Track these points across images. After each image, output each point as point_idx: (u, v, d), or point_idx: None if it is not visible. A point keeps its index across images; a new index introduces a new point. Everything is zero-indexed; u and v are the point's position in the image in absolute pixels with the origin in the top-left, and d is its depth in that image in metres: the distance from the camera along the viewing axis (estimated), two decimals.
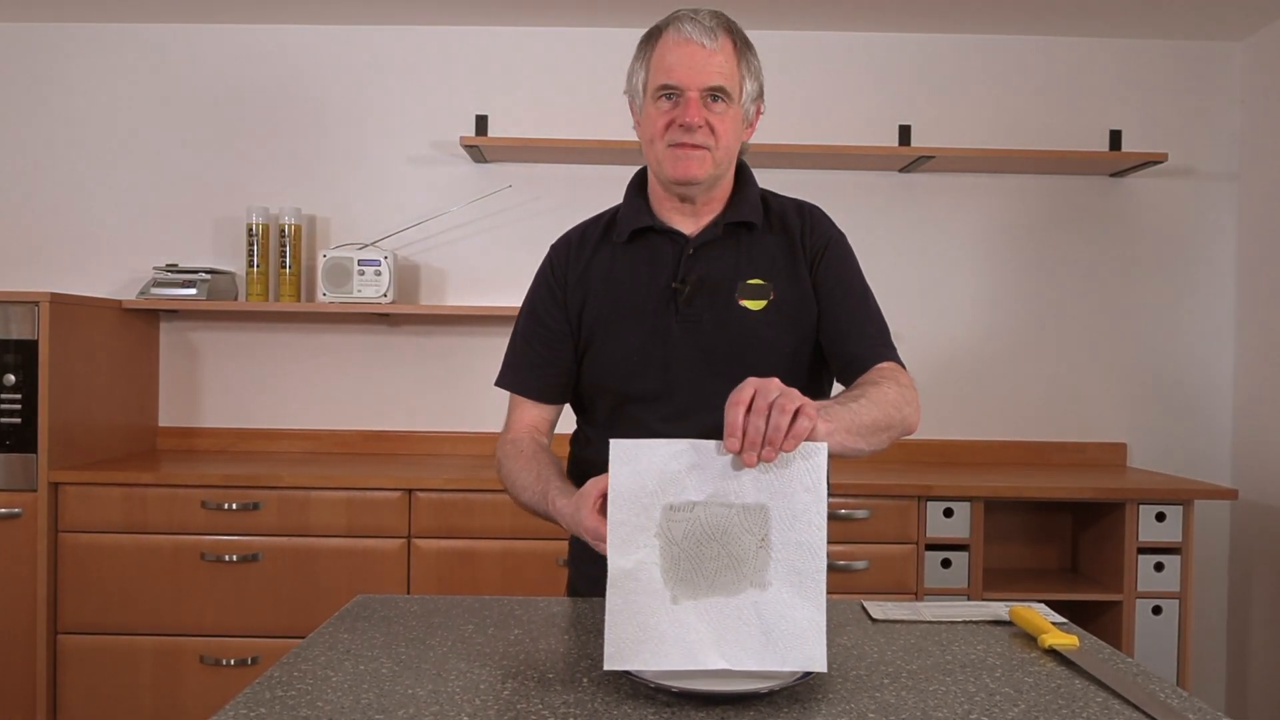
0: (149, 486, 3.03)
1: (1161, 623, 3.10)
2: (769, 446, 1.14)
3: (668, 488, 1.17)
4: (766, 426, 1.14)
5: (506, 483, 1.65)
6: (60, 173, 3.67)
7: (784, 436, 1.14)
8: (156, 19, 3.63)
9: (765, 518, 1.16)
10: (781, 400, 1.15)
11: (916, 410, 1.52)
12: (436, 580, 3.04)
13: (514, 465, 1.63)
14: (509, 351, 1.75)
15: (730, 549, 1.16)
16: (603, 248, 1.70)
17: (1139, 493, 3.10)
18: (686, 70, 1.53)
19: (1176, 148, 3.67)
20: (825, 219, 1.70)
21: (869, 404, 1.41)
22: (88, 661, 3.02)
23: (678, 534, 1.16)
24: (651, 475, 1.17)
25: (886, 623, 1.46)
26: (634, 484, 1.17)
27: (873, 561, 3.01)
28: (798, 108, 3.63)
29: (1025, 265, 3.71)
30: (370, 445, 3.68)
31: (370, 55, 3.68)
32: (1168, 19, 3.51)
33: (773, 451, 1.14)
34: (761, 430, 1.14)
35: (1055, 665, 1.27)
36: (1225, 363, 3.73)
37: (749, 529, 1.17)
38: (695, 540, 1.16)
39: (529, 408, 1.72)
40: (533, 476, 1.57)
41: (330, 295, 3.39)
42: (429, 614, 1.47)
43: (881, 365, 1.57)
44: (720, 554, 1.16)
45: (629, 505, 1.17)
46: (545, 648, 1.31)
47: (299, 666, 1.22)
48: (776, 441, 1.14)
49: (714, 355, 1.60)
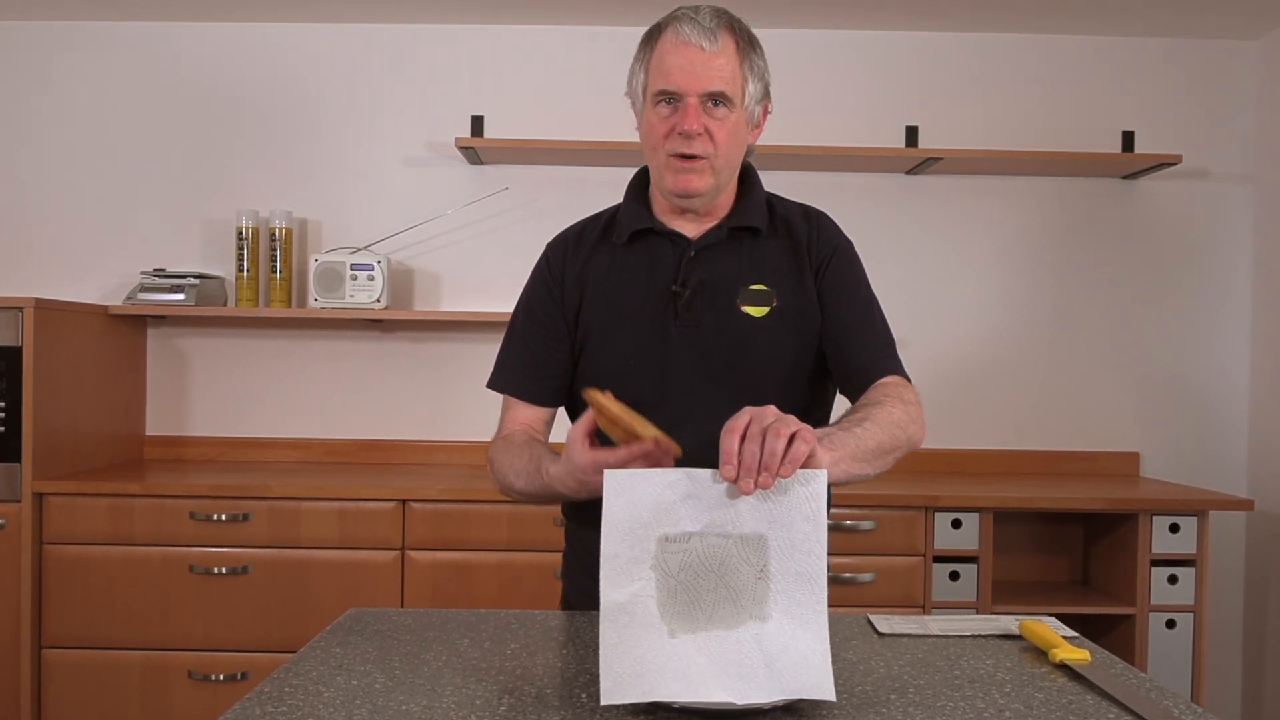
0: (136, 497, 3.03)
1: (1175, 637, 3.10)
2: (765, 472, 1.13)
3: (663, 518, 1.16)
4: (762, 452, 1.14)
5: (499, 476, 1.63)
6: (44, 175, 3.68)
7: (780, 461, 1.13)
8: (143, 17, 3.64)
9: (764, 548, 1.16)
10: (777, 425, 1.15)
11: (921, 426, 1.53)
12: (431, 593, 3.04)
13: (506, 456, 1.62)
14: (502, 352, 1.75)
15: (728, 581, 1.16)
16: (601, 247, 1.69)
17: (1152, 503, 3.10)
18: (685, 74, 1.53)
19: (1191, 149, 3.68)
20: (832, 225, 1.70)
21: (873, 427, 1.41)
22: (73, 676, 3.02)
23: (674, 566, 1.16)
24: (646, 506, 1.16)
25: (893, 637, 1.46)
26: (628, 515, 1.16)
27: (879, 574, 3.01)
28: (801, 108, 3.64)
29: (1035, 270, 3.72)
30: (363, 454, 3.68)
31: (363, 54, 3.69)
32: (1182, 17, 3.52)
33: (769, 478, 1.13)
34: (757, 456, 1.13)
35: (1066, 681, 1.27)
36: (1241, 369, 3.73)
37: (747, 560, 1.16)
38: (692, 572, 1.16)
39: (522, 409, 1.71)
40: (525, 459, 1.57)
41: (322, 301, 3.40)
42: (423, 628, 1.47)
43: (885, 380, 1.57)
44: (718, 586, 1.16)
45: (623, 537, 1.16)
46: (543, 663, 1.31)
47: (290, 682, 1.22)
48: (773, 467, 1.13)
49: (712, 361, 1.60)
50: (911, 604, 3.05)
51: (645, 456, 1.27)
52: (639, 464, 1.26)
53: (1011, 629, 1.49)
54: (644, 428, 1.29)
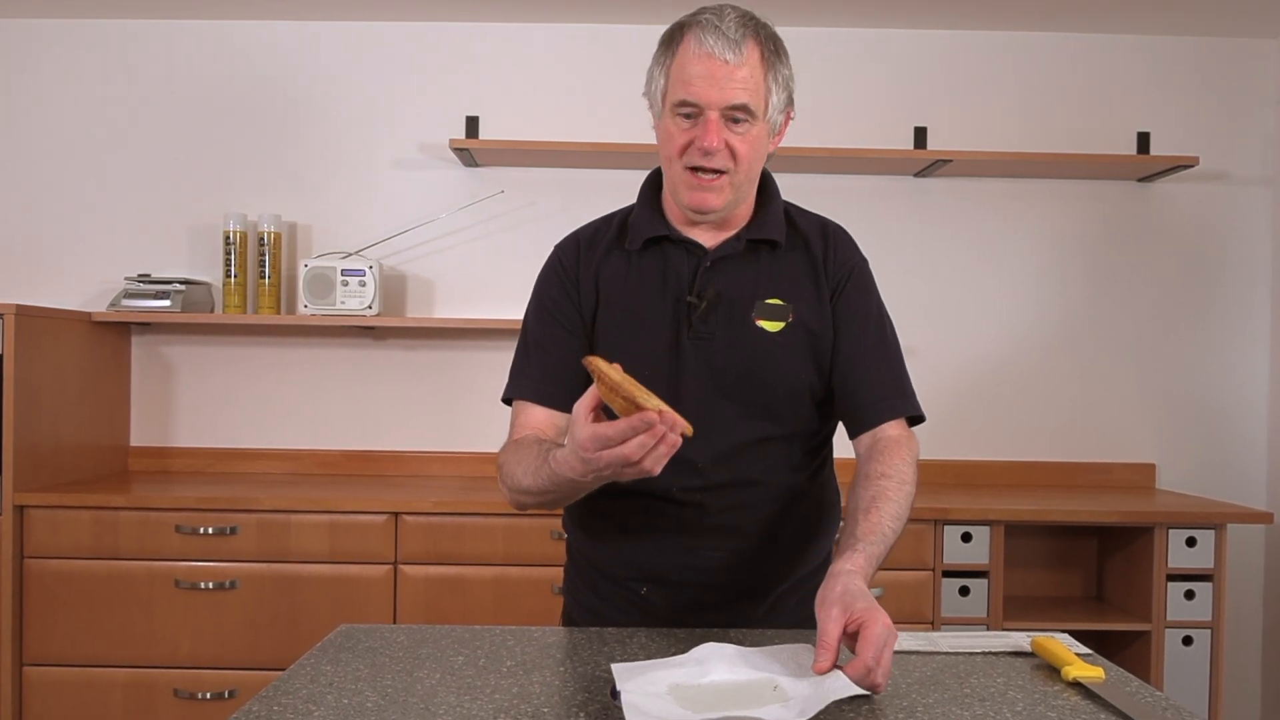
0: (120, 509, 3.03)
1: (1192, 654, 3.10)
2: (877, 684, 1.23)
3: (676, 683, 1.25)
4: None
5: (508, 480, 1.56)
6: (26, 177, 3.68)
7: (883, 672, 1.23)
8: (127, 14, 3.65)
9: (774, 683, 1.24)
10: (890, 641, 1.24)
11: (916, 483, 1.57)
12: (425, 609, 3.04)
13: (515, 456, 1.56)
14: (516, 362, 1.70)
15: (740, 697, 1.21)
16: (615, 252, 1.68)
17: (1168, 516, 3.10)
18: (707, 87, 1.51)
19: (1208, 151, 3.69)
20: (850, 243, 1.70)
21: (887, 532, 1.46)
22: (55, 694, 3.02)
23: (688, 695, 1.22)
24: (660, 682, 1.24)
25: (901, 654, 1.46)
26: (643, 688, 1.22)
27: (887, 589, 3.01)
28: (807, 108, 3.58)
29: (1047, 275, 3.73)
30: (354, 466, 3.68)
31: (355, 53, 3.70)
32: (1199, 15, 3.53)
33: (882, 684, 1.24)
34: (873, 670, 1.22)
35: (1080, 699, 1.28)
36: (1260, 378, 3.73)
37: (760, 685, 1.25)
38: (706, 701, 1.20)
39: (535, 413, 1.65)
40: (533, 454, 1.50)
41: (312, 307, 3.40)
42: (417, 644, 1.47)
43: (888, 434, 1.60)
44: (733, 701, 1.20)
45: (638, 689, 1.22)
46: (540, 680, 1.32)
47: (279, 700, 1.22)
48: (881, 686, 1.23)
49: (725, 375, 1.60)
50: (920, 620, 3.05)
51: (650, 430, 1.23)
52: (642, 438, 1.23)
53: (1023, 646, 1.49)
54: (647, 399, 1.25)
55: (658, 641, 1.50)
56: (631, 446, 1.23)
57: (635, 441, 1.23)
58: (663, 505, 1.62)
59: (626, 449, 1.24)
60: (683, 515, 1.62)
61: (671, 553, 1.64)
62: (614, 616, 1.68)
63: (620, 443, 1.24)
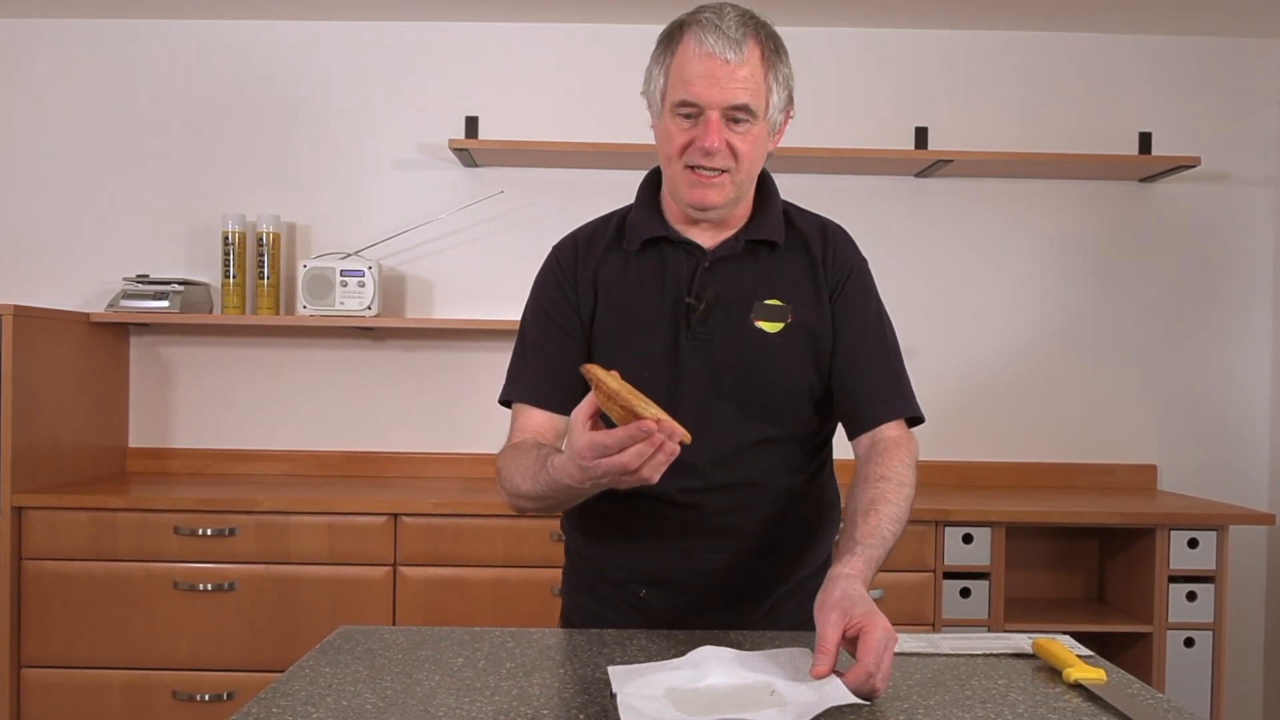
0: (118, 511, 3.03)
1: (1194, 656, 3.10)
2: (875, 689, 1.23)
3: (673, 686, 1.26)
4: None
5: (506, 484, 1.56)
6: (23, 177, 3.69)
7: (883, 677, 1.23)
8: (127, 14, 3.66)
9: (771, 687, 1.25)
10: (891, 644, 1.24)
11: (915, 485, 1.57)
12: (424, 610, 3.04)
13: (514, 460, 1.56)
14: (513, 364, 1.70)
15: (737, 701, 1.22)
16: (613, 253, 1.68)
17: (1170, 517, 3.11)
18: (707, 87, 1.51)
19: (1210, 151, 3.69)
20: (849, 243, 1.70)
21: (886, 535, 1.46)
22: (53, 697, 3.02)
23: (684, 698, 1.23)
24: (657, 685, 1.25)
25: (902, 655, 1.46)
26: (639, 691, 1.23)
27: (887, 590, 3.02)
28: (807, 108, 3.59)
29: (1048, 276, 3.73)
30: (353, 467, 3.68)
31: (354, 52, 3.70)
32: (1200, 15, 3.53)
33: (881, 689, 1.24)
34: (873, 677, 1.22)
35: (1081, 701, 1.28)
36: (1262, 379, 3.74)
37: (757, 689, 1.25)
38: (702, 704, 1.20)
39: (534, 416, 1.65)
40: (531, 458, 1.50)
41: (311, 308, 3.40)
42: (416, 646, 1.47)
43: (887, 436, 1.60)
44: (730, 704, 1.20)
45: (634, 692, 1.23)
46: (540, 682, 1.32)
47: (278, 702, 1.22)
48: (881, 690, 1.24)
49: (724, 377, 1.60)
50: (921, 622, 3.05)
51: (648, 438, 1.24)
52: (640, 446, 1.24)
53: (1024, 647, 1.49)
54: (645, 406, 1.26)
55: (657, 643, 1.50)
56: (629, 455, 1.25)
57: (633, 450, 1.24)
58: (662, 507, 1.62)
59: (624, 457, 1.25)
60: (682, 517, 1.62)
61: (670, 555, 1.64)
62: (613, 618, 1.68)
63: (618, 451, 1.25)
